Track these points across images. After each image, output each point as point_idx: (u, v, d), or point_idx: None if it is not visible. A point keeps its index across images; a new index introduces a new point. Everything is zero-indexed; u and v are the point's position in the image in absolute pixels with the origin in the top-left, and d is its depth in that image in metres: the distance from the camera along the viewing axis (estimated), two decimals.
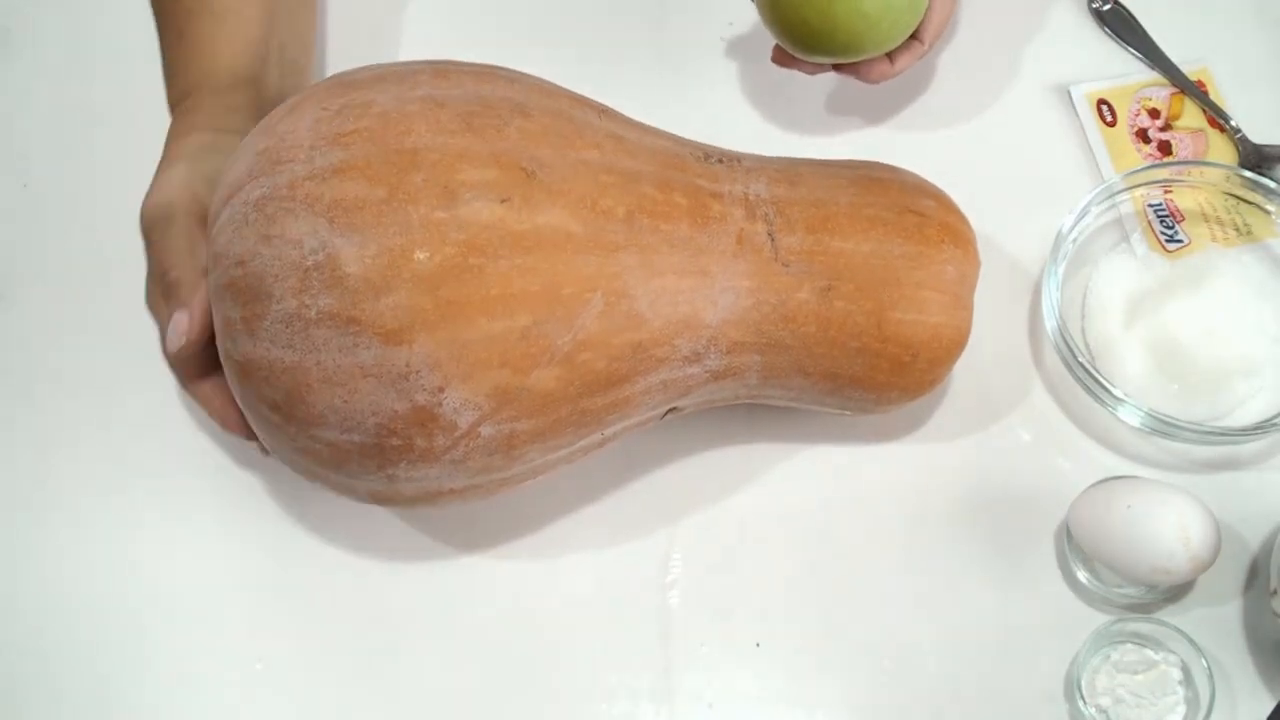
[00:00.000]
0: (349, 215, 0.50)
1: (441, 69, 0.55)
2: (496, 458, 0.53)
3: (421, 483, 0.54)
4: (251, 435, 0.59)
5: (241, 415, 0.59)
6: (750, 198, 0.58)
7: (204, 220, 0.59)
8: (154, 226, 0.61)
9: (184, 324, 0.58)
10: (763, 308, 0.57)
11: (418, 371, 0.50)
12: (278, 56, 0.67)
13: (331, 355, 0.50)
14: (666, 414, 0.60)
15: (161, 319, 0.60)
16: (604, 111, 0.57)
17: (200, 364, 0.59)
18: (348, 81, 0.54)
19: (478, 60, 0.57)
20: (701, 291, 0.56)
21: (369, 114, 0.52)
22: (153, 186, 0.62)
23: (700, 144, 0.59)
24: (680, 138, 0.59)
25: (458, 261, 0.50)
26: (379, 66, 0.56)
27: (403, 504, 0.56)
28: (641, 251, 0.54)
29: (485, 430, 0.52)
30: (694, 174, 0.57)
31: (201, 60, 0.65)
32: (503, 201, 0.51)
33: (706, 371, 0.57)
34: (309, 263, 0.50)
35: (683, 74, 0.74)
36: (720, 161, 0.59)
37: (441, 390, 0.51)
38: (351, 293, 0.50)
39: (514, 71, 0.57)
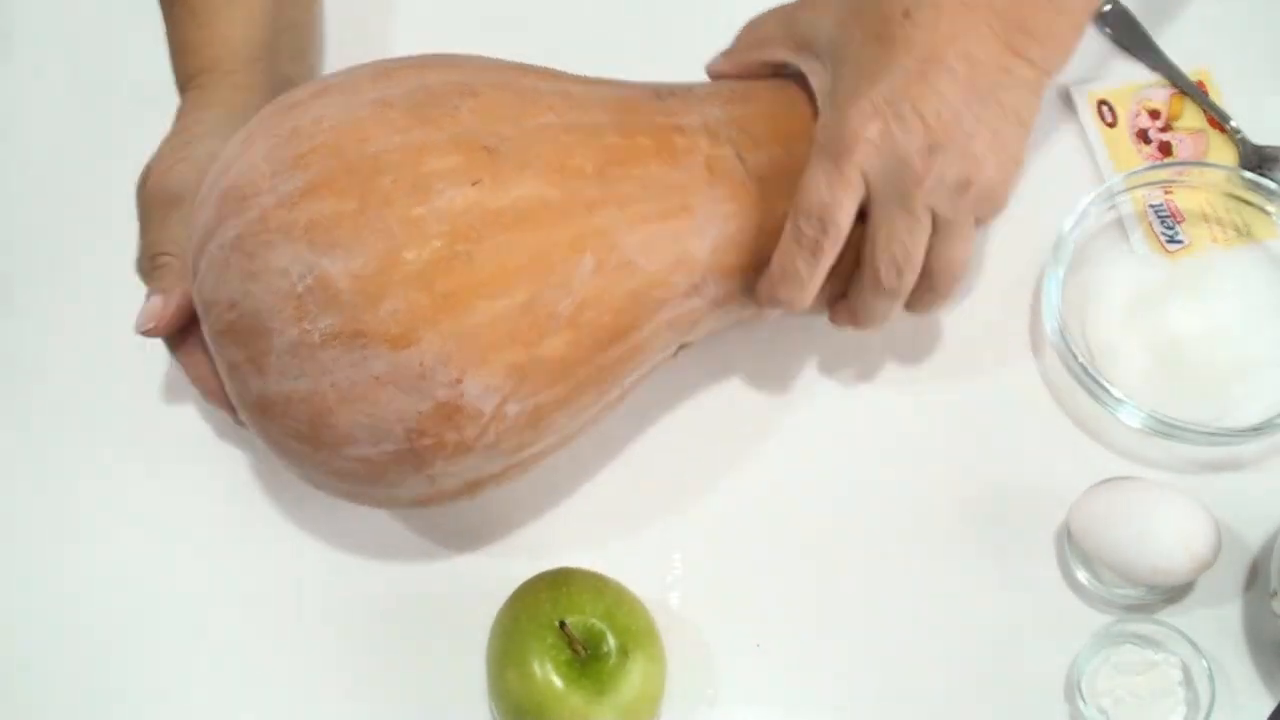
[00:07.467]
0: (328, 233, 0.50)
1: (380, 69, 0.55)
2: (527, 433, 0.54)
3: (461, 475, 0.54)
4: (230, 407, 0.59)
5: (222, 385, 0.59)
6: (710, 124, 0.58)
7: None
8: (155, 205, 0.61)
9: (157, 308, 0.59)
10: (748, 228, 0.57)
11: (432, 369, 0.50)
12: (288, 36, 0.67)
13: (344, 373, 0.50)
14: (678, 351, 0.60)
15: None
16: (548, 73, 0.57)
17: (186, 330, 0.60)
18: (290, 103, 0.54)
19: (467, 47, 0.57)
20: (687, 225, 0.56)
21: (321, 130, 0.52)
22: (159, 160, 0.62)
23: (649, 83, 0.59)
24: (628, 82, 0.59)
25: (445, 253, 0.50)
26: (316, 81, 0.55)
27: (446, 501, 0.56)
28: (620, 202, 0.54)
29: (510, 409, 0.52)
30: (651, 113, 0.57)
31: (213, 40, 0.65)
32: (474, 184, 0.51)
33: (707, 301, 0.58)
34: (300, 289, 0.50)
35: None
36: (673, 95, 0.59)
37: (460, 381, 0.51)
38: (350, 307, 0.50)
39: (452, 55, 0.57)
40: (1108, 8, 0.74)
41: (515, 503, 0.64)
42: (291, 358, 0.51)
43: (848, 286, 0.59)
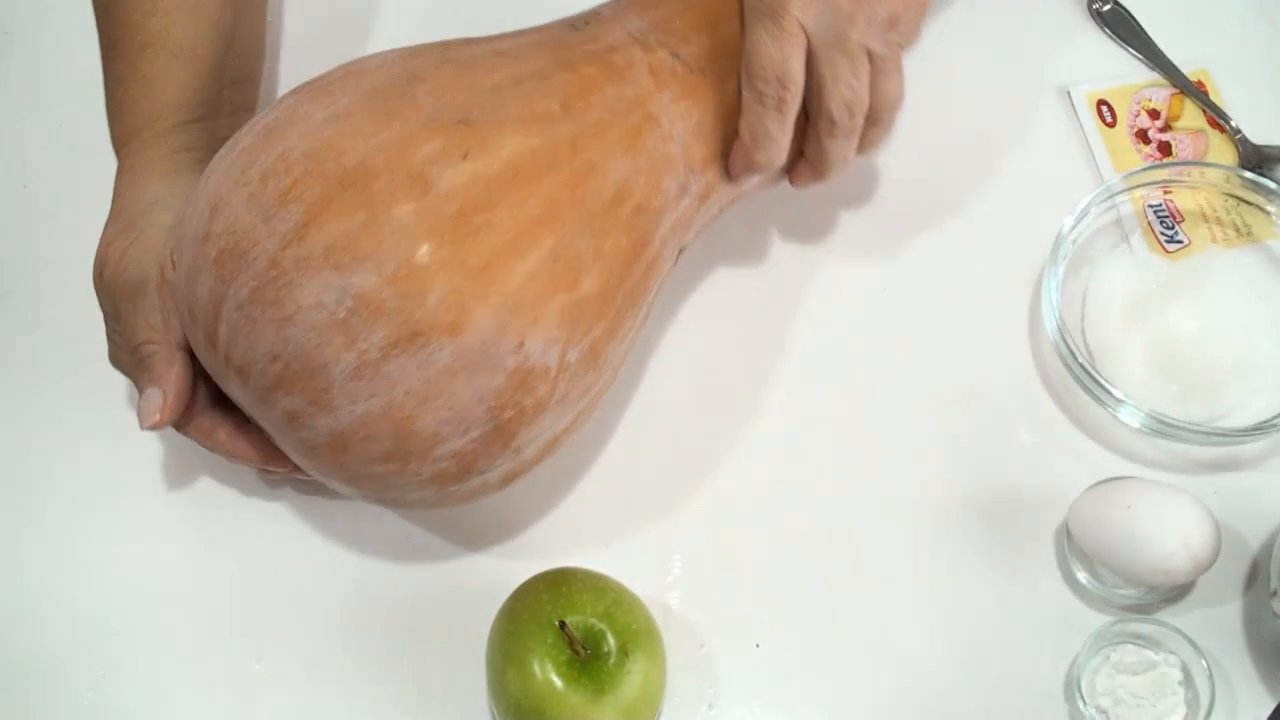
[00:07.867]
0: (348, 251, 0.50)
1: (314, 90, 0.55)
2: (590, 375, 0.55)
3: (541, 438, 0.55)
4: (277, 459, 0.58)
5: (250, 443, 0.59)
6: (636, 35, 0.59)
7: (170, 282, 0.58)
8: (122, 297, 0.59)
9: (157, 401, 0.58)
10: (707, 117, 0.59)
11: (494, 341, 0.51)
12: (230, 94, 0.66)
13: (415, 376, 0.50)
14: (678, 258, 0.62)
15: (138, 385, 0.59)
16: (469, 41, 0.58)
17: (192, 409, 0.59)
18: (244, 149, 0.53)
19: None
20: (657, 134, 0.57)
21: (294, 161, 0.52)
22: (109, 249, 0.60)
23: (559, 21, 0.60)
24: (542, 25, 0.60)
25: (466, 229, 0.51)
26: (253, 126, 0.55)
27: (527, 470, 0.57)
28: (595, 131, 0.56)
29: (571, 355, 0.54)
30: (579, 43, 0.58)
31: (154, 99, 0.63)
32: (465, 157, 0.52)
33: (695, 198, 0.59)
34: (342, 313, 0.50)
35: None
36: (588, 22, 0.60)
37: (522, 344, 0.52)
38: (398, 312, 0.50)
39: (369, 57, 0.57)
40: (1107, 7, 0.74)
41: (516, 503, 0.64)
42: (357, 382, 0.51)
43: (801, 145, 0.61)
